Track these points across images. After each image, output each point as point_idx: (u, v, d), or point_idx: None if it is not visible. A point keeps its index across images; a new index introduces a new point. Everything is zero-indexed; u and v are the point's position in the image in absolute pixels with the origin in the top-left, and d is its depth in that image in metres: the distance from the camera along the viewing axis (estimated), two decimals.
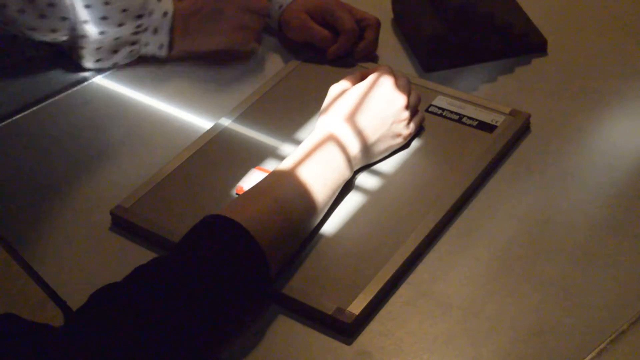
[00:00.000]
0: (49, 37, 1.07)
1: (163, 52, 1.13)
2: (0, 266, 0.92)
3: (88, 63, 1.11)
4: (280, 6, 1.14)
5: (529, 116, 1.01)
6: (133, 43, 1.10)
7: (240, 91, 1.09)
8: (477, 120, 1.00)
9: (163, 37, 1.10)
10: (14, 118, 1.09)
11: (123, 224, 0.92)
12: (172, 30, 1.10)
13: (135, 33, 1.09)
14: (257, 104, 1.06)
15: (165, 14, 1.09)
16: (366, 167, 0.95)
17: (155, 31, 1.10)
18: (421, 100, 1.01)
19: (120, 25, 1.07)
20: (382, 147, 0.94)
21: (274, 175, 0.86)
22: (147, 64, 1.16)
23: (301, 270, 0.84)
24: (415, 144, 0.99)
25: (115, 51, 1.10)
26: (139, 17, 1.07)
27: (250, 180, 0.93)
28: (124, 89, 1.12)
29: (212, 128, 1.02)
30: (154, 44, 1.11)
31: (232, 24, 1.11)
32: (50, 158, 1.03)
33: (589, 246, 0.87)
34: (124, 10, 1.06)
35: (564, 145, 0.99)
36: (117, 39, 1.09)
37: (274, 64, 1.14)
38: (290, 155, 0.88)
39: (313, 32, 1.11)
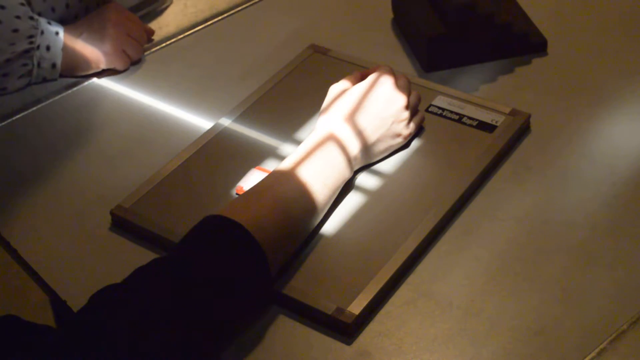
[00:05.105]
0: None
1: (56, 73, 1.12)
2: (0, 266, 0.92)
3: None
4: None
5: (529, 116, 1.01)
6: (25, 64, 1.09)
7: (240, 91, 1.09)
8: (477, 120, 1.00)
9: (56, 55, 1.10)
10: (14, 118, 1.09)
11: (123, 224, 0.92)
12: (63, 49, 1.10)
13: (28, 51, 1.08)
14: (257, 103, 1.06)
15: (57, 33, 1.09)
16: (366, 167, 0.95)
17: (48, 48, 1.09)
18: (421, 100, 1.01)
19: (11, 44, 1.06)
20: (382, 147, 0.94)
21: (274, 175, 0.86)
22: (145, 65, 1.16)
23: (301, 270, 0.84)
24: (415, 144, 0.99)
25: (5, 74, 1.09)
26: (31, 36, 1.07)
27: (250, 180, 0.93)
28: (123, 89, 1.13)
29: (212, 128, 1.02)
30: (46, 63, 1.10)
31: (114, 46, 1.13)
32: (50, 158, 1.03)
33: (588, 246, 0.87)
34: (15, 30, 1.06)
35: (564, 145, 0.99)
36: (8, 60, 1.07)
37: (274, 64, 1.14)
38: (290, 155, 0.88)
39: None
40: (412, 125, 0.97)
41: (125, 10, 1.19)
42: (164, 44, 1.21)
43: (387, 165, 0.96)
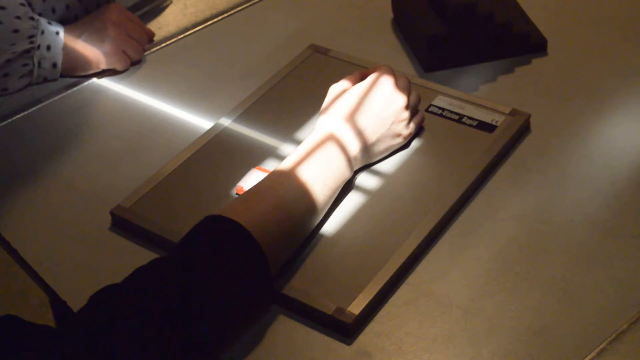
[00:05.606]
0: None
1: (56, 73, 1.12)
2: (0, 266, 0.92)
3: None
4: None
5: (529, 116, 1.01)
6: (25, 64, 1.09)
7: (240, 91, 1.09)
8: (477, 120, 1.00)
9: (56, 55, 1.10)
10: (14, 118, 1.09)
11: (123, 224, 0.92)
12: (63, 49, 1.11)
13: (28, 51, 1.08)
14: (257, 104, 1.06)
15: (57, 33, 1.10)
16: (366, 167, 0.95)
17: (49, 48, 1.09)
18: (421, 100, 1.01)
19: (12, 44, 1.06)
20: (382, 147, 0.95)
21: (274, 175, 0.86)
22: (145, 65, 1.16)
23: (301, 270, 0.84)
24: (415, 144, 0.99)
25: (6, 75, 1.09)
26: (31, 36, 1.07)
27: (250, 180, 0.93)
28: (123, 89, 1.13)
29: (212, 128, 1.02)
30: (47, 63, 1.10)
31: (114, 47, 1.13)
32: (50, 158, 1.03)
33: (589, 246, 0.87)
34: (16, 31, 1.06)
35: (564, 145, 1.00)
36: (9, 60, 1.07)
37: (274, 64, 1.14)
38: (290, 155, 0.89)
39: None
40: (412, 125, 0.97)
41: (126, 10, 1.19)
42: (164, 44, 1.21)
43: (387, 165, 0.96)
